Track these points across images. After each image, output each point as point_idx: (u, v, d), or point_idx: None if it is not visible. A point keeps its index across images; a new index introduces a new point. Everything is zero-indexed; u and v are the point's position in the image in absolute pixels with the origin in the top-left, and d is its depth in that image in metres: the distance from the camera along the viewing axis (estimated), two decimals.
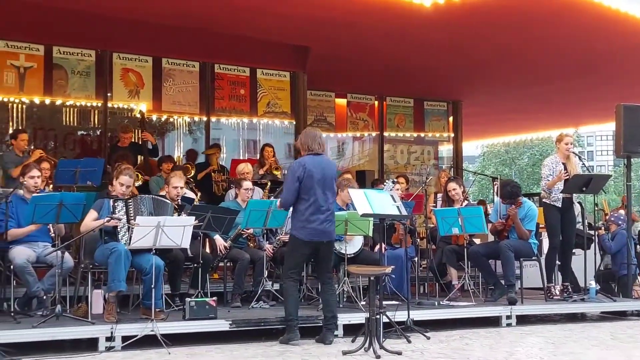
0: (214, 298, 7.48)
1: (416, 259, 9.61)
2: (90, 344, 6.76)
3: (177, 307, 7.90)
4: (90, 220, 7.32)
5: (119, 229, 7.24)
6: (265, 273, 8.60)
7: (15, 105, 11.00)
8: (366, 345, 6.59)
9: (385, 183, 8.66)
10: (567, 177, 9.26)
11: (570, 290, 9.47)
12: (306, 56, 12.41)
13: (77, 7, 10.25)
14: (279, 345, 7.00)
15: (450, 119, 16.37)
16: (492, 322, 8.58)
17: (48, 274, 7.33)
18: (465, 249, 9.06)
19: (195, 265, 8.24)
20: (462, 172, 16.20)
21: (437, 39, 11.74)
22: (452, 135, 16.37)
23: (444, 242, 9.41)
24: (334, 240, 7.48)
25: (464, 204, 9.41)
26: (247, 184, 9.19)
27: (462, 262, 9.22)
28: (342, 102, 15.22)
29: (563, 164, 9.40)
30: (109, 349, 6.65)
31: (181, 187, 8.49)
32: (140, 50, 11.58)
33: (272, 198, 9.29)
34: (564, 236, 9.47)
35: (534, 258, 9.28)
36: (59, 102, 11.16)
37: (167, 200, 7.83)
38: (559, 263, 9.64)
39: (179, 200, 8.41)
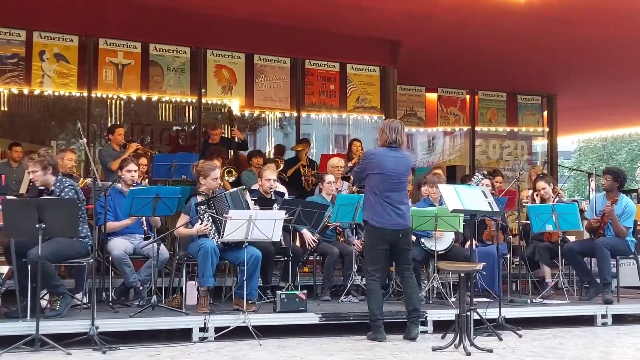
0: (304, 291, 7.57)
1: (508, 256, 9.45)
2: (184, 334, 6.93)
3: (268, 299, 8.02)
4: (183, 226, 7.50)
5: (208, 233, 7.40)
6: (355, 267, 8.63)
7: (113, 101, 11.41)
8: (456, 341, 6.53)
9: (474, 177, 8.54)
10: None
11: None
12: (396, 51, 12.39)
13: (172, 5, 10.55)
14: (367, 340, 7.01)
15: (545, 113, 16.03)
16: (587, 321, 8.37)
17: (144, 265, 7.54)
18: (559, 247, 8.87)
19: (286, 258, 8.35)
20: (556, 168, 15.84)
21: (531, 33, 11.51)
22: (547, 129, 16.03)
23: (537, 239, 9.23)
24: (409, 230, 7.30)
25: (555, 200, 9.21)
26: (330, 177, 9.14)
27: (555, 260, 9.02)
28: (432, 96, 15.10)
29: None
30: (202, 339, 6.82)
31: (274, 180, 8.62)
32: (233, 47, 11.81)
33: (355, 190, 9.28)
34: None
35: (631, 256, 8.97)
36: (155, 98, 11.50)
37: (236, 189, 7.86)
38: None
39: (272, 194, 8.54)
